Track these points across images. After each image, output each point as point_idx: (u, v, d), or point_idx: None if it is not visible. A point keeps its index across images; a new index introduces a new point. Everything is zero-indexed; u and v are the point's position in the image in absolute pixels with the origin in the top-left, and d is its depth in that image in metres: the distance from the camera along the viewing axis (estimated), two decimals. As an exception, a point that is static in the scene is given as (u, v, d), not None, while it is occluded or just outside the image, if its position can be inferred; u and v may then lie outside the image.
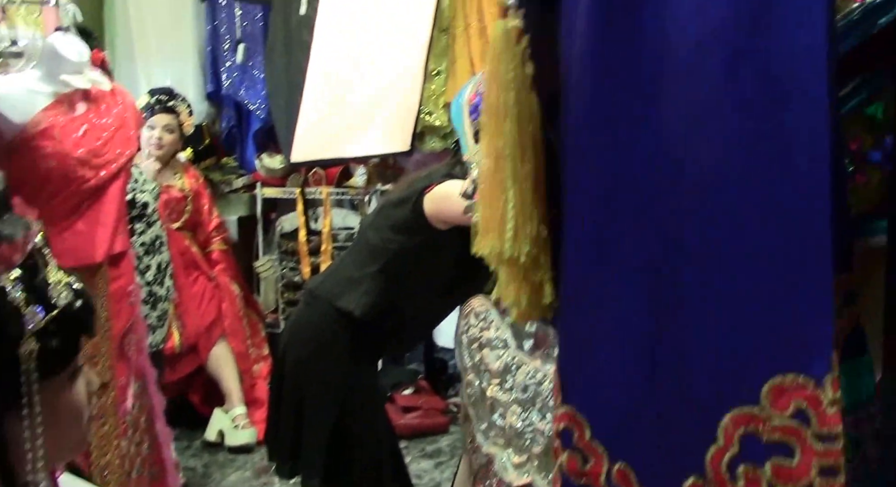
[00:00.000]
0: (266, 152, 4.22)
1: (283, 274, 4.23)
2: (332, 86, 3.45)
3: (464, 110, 1.19)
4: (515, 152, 0.82)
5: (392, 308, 2.51)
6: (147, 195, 3.03)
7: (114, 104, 2.56)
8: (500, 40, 0.81)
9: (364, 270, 2.52)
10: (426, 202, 2.42)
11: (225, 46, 4.14)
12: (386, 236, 2.53)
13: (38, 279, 1.46)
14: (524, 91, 0.82)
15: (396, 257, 2.49)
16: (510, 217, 0.85)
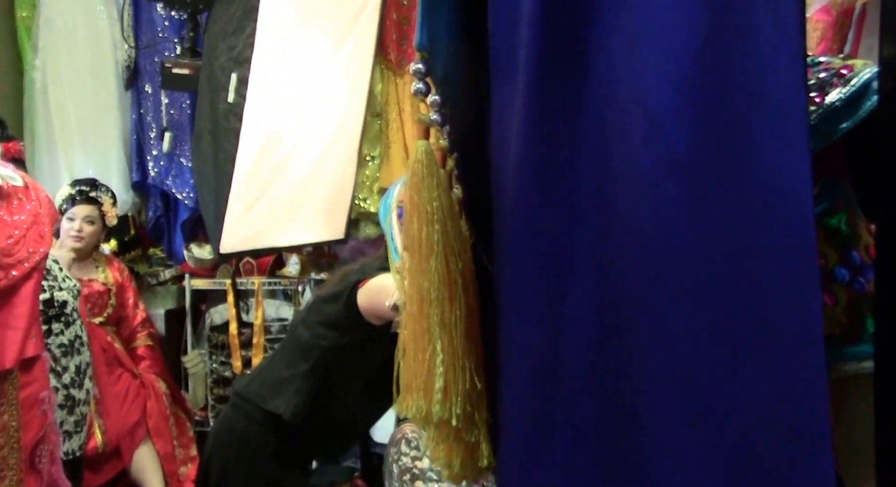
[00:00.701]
0: (195, 242, 4.08)
1: (212, 369, 4.05)
2: (261, 173, 3.36)
3: (392, 212, 1.11)
4: (442, 295, 0.69)
5: (324, 410, 2.38)
6: (66, 293, 2.87)
7: (27, 200, 2.42)
8: (422, 164, 0.69)
9: (294, 369, 2.39)
10: (360, 297, 2.32)
11: (151, 135, 4.03)
12: (317, 333, 2.42)
13: None
14: (451, 222, 0.69)
15: (328, 355, 2.37)
16: (439, 374, 0.71)
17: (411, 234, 0.67)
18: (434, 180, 0.65)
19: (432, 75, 0.64)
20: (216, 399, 4.03)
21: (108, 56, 4.05)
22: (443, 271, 0.66)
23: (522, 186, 0.64)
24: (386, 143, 4.04)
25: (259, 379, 2.49)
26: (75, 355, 2.96)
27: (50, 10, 4.01)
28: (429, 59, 0.63)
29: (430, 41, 0.62)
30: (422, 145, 0.66)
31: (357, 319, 2.33)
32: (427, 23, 0.61)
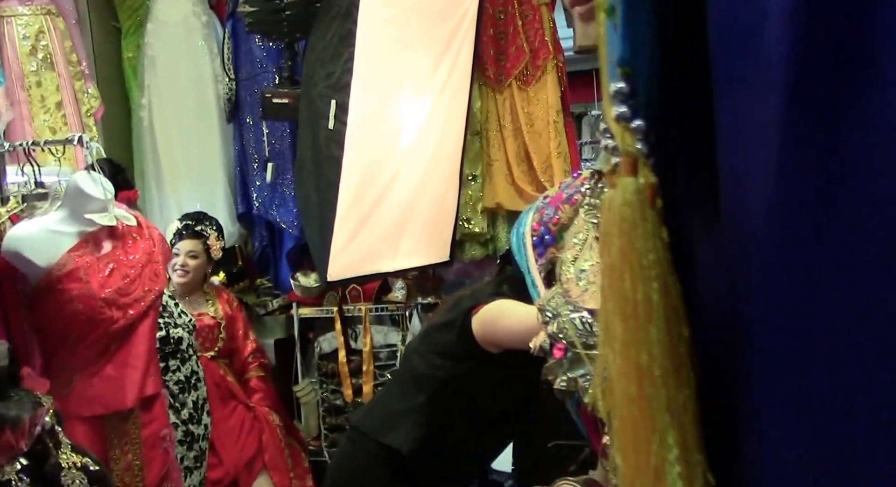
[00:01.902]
0: (300, 271, 4.08)
1: (324, 398, 4.02)
2: (364, 200, 3.32)
3: (526, 244, 0.98)
4: (667, 371, 0.53)
5: (444, 443, 2.29)
6: (181, 329, 2.88)
7: (141, 239, 2.43)
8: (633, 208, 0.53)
9: (410, 401, 2.31)
10: (474, 324, 2.23)
11: (254, 166, 4.05)
12: (432, 363, 2.33)
13: (48, 466, 1.29)
14: (671, 277, 0.53)
15: (445, 386, 2.29)
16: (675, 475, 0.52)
17: (623, 294, 0.53)
18: (649, 226, 0.51)
19: (635, 96, 0.50)
20: (329, 429, 4.00)
21: (209, 90, 4.10)
22: (666, 340, 0.52)
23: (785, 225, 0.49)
24: (487, 161, 3.96)
25: (375, 413, 2.42)
26: (192, 390, 2.97)
27: (154, 50, 4.09)
28: (632, 75, 0.50)
29: (632, 53, 0.49)
30: (630, 184, 0.51)
31: (472, 347, 2.23)
32: (628, 29, 0.49)
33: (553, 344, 0.83)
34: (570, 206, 0.94)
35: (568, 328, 0.79)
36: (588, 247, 0.82)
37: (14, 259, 2.23)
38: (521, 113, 3.88)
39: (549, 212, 0.95)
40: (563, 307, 0.81)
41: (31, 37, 3.81)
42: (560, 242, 0.92)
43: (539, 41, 3.85)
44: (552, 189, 1.01)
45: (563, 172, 3.87)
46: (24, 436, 1.18)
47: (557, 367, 0.81)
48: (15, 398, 1.29)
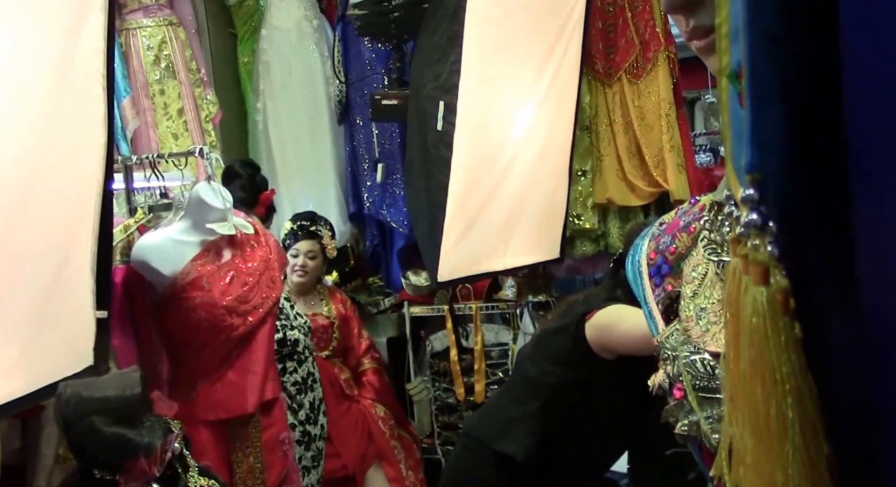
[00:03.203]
0: (411, 270, 4.11)
1: (436, 396, 4.05)
2: (473, 199, 3.32)
3: (643, 275, 0.94)
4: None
5: (558, 450, 2.27)
6: (297, 332, 2.94)
7: (258, 247, 2.50)
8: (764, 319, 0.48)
9: (524, 407, 2.30)
10: (588, 330, 2.20)
11: (364, 166, 4.11)
12: (545, 369, 2.32)
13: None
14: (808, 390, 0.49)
15: (559, 393, 2.27)
16: None
17: (754, 408, 0.49)
18: (782, 338, 0.47)
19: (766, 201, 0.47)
20: (441, 427, 4.03)
21: (321, 93, 4.18)
22: (803, 459, 0.48)
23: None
24: (597, 156, 3.89)
25: (488, 419, 2.42)
26: (309, 391, 3.04)
27: (268, 55, 4.20)
28: (762, 180, 0.46)
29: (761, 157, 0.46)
30: (761, 294, 0.47)
31: (586, 353, 2.21)
32: (756, 133, 0.45)
33: (672, 384, 0.79)
34: (687, 235, 0.89)
35: (689, 370, 0.75)
36: (708, 283, 0.78)
37: (142, 268, 2.33)
38: (632, 106, 3.79)
39: (666, 240, 0.90)
40: (682, 346, 0.77)
41: (155, 47, 3.96)
42: (677, 272, 0.87)
43: (650, 33, 3.75)
44: (668, 215, 0.96)
45: (677, 166, 3.77)
46: (156, 462, 1.24)
47: (678, 409, 0.77)
48: (147, 425, 1.35)
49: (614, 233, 3.89)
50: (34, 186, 1.85)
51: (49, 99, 1.84)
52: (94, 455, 1.37)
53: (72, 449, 1.45)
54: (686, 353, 0.76)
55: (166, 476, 1.23)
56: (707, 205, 0.88)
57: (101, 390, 1.42)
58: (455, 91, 3.19)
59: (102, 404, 1.39)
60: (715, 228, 0.79)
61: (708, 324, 0.75)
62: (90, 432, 1.36)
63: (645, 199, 3.79)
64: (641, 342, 2.10)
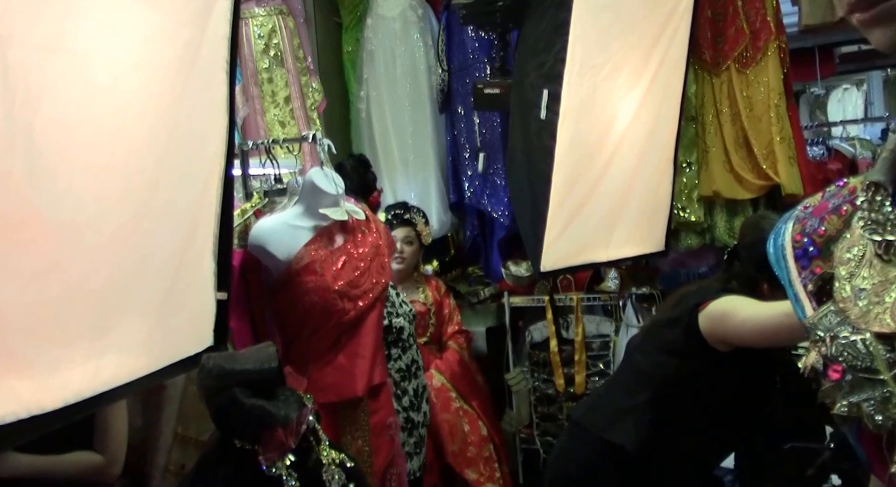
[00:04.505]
0: (511, 260, 4.10)
1: (535, 387, 4.04)
2: (577, 190, 3.29)
3: (787, 256, 0.92)
4: None
5: (668, 443, 2.23)
6: (402, 319, 2.97)
7: (369, 233, 2.54)
8: None
9: (634, 398, 2.28)
10: (701, 321, 2.16)
11: (465, 156, 4.12)
12: (656, 360, 2.29)
13: (310, 462, 1.38)
14: None
15: (669, 384, 2.24)
16: None
17: None
18: None
19: None
20: (540, 418, 4.02)
21: (423, 82, 4.21)
22: None
23: None
24: (703, 147, 3.81)
25: (598, 408, 2.40)
26: (412, 378, 3.07)
27: (372, 44, 4.25)
28: None
29: None
30: None
31: (700, 345, 2.17)
32: None
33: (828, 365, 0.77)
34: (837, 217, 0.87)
35: (849, 350, 0.73)
36: (866, 264, 0.76)
37: (259, 252, 2.40)
38: (740, 97, 3.68)
39: (814, 223, 0.89)
40: (839, 327, 0.76)
41: (265, 36, 4.06)
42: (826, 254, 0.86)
43: (760, 22, 3.64)
44: (812, 198, 0.94)
45: (787, 159, 3.65)
46: (292, 434, 1.28)
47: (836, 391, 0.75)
48: (282, 398, 1.39)
49: (721, 226, 3.80)
50: (163, 169, 1.92)
51: (178, 84, 1.90)
52: (235, 425, 1.42)
53: (214, 419, 1.51)
54: (846, 333, 0.75)
55: (301, 447, 1.27)
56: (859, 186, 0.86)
57: (242, 363, 1.48)
58: (559, 80, 3.16)
59: (243, 376, 1.44)
60: (874, 208, 0.78)
61: (869, 304, 0.74)
62: (232, 403, 1.41)
63: (754, 192, 3.69)
64: (757, 333, 2.05)
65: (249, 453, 1.39)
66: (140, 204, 1.85)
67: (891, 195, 0.76)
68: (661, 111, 3.44)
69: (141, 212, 1.85)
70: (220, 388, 1.45)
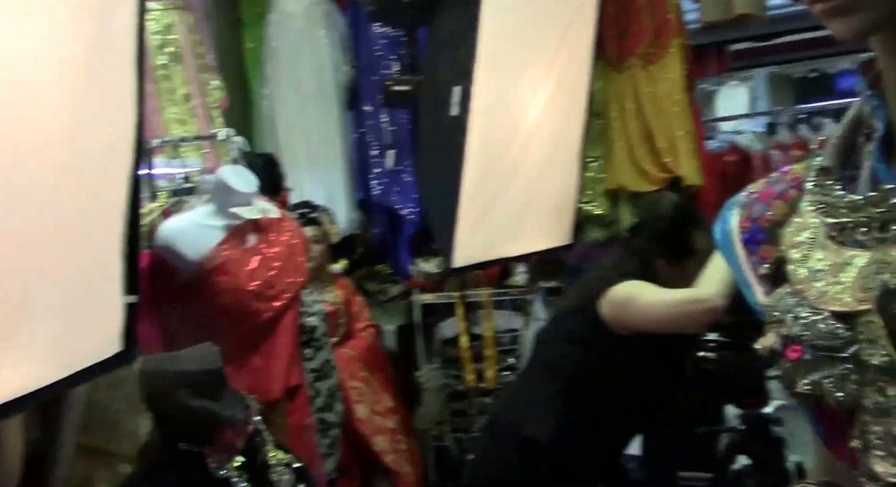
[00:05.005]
0: (421, 257, 4.10)
1: (446, 383, 4.04)
2: (488, 186, 3.30)
3: (734, 241, 0.95)
4: None
5: (581, 432, 2.26)
6: (315, 318, 2.92)
7: (283, 232, 2.48)
8: None
9: (545, 391, 2.30)
10: (604, 307, 2.20)
11: (373, 153, 4.09)
12: (564, 351, 2.32)
13: (258, 463, 1.34)
14: None
15: (578, 374, 2.26)
16: None
17: None
18: None
19: None
20: (452, 414, 4.03)
21: (329, 79, 4.14)
22: None
23: None
24: (608, 142, 3.88)
25: (511, 404, 2.41)
26: (326, 378, 3.03)
27: (275, 41, 4.15)
28: None
29: None
30: None
31: (604, 332, 2.20)
32: None
33: (787, 346, 0.79)
34: (783, 202, 0.90)
35: (811, 330, 0.76)
36: (820, 246, 0.79)
37: (167, 253, 2.31)
38: (644, 92, 3.78)
39: (760, 208, 0.92)
40: (798, 308, 0.78)
41: (162, 31, 3.91)
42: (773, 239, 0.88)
43: (662, 19, 3.74)
44: (755, 185, 0.97)
45: (689, 152, 3.76)
46: (240, 435, 1.25)
47: (796, 370, 0.78)
48: (227, 399, 1.35)
49: (625, 219, 3.89)
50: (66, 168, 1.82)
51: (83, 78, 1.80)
52: (182, 428, 1.37)
53: (158, 423, 1.45)
54: (805, 314, 0.76)
55: (248, 448, 1.24)
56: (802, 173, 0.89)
57: (184, 364, 1.43)
58: (470, 77, 3.17)
59: (187, 378, 1.39)
60: (826, 192, 0.80)
61: (826, 285, 0.76)
62: (177, 405, 1.36)
63: (657, 184, 3.79)
64: (657, 319, 2.10)
65: (196, 456, 1.35)
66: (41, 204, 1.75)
67: (839, 180, 0.79)
68: (568, 107, 3.49)
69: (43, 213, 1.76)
70: (163, 391, 1.40)
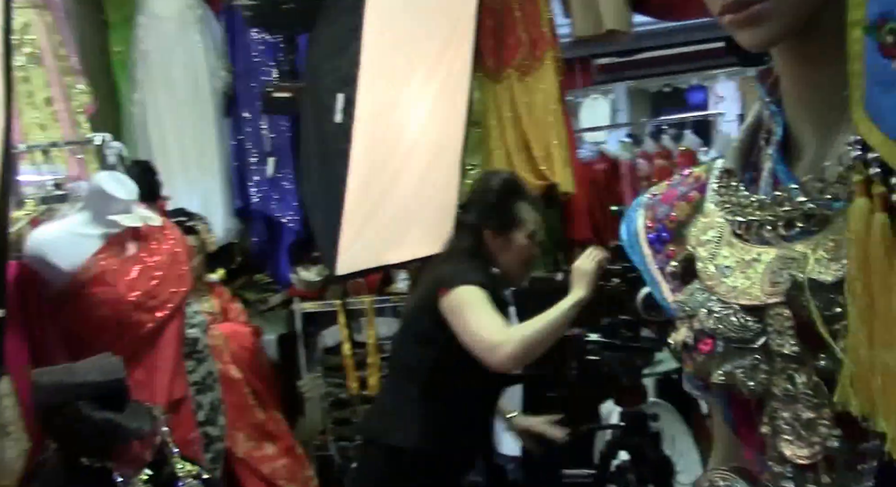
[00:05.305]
0: (301, 265, 4.05)
1: (328, 392, 4.00)
2: (371, 193, 3.31)
3: (641, 241, 0.99)
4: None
5: (444, 434, 2.24)
6: (197, 329, 2.84)
7: (165, 240, 2.40)
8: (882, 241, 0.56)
9: (405, 396, 2.27)
10: (442, 308, 2.17)
11: (252, 161, 4.01)
12: (416, 353, 2.30)
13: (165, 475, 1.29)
14: None
15: (430, 374, 2.25)
16: None
17: None
18: None
19: None
20: (335, 423, 3.99)
21: (205, 85, 4.03)
22: None
23: None
24: (487, 151, 3.97)
25: (376, 415, 2.40)
26: (208, 391, 2.94)
27: (146, 44, 4.01)
28: None
29: None
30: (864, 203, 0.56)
31: (448, 330, 2.17)
32: None
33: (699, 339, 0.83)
34: (686, 203, 0.94)
35: (724, 324, 0.79)
36: (726, 244, 0.83)
37: (38, 264, 2.19)
38: (521, 103, 3.88)
39: (664, 209, 0.95)
40: (710, 303, 0.82)
41: (18, 31, 3.70)
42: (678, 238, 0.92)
43: (537, 32, 3.86)
44: (658, 187, 1.01)
45: (563, 160, 3.89)
46: (148, 447, 1.20)
47: (709, 362, 0.82)
48: (132, 410, 1.29)
49: (503, 226, 3.97)
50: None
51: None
52: (84, 442, 1.30)
53: (56, 439, 1.36)
54: (717, 308, 0.80)
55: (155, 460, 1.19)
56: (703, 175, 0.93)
57: (83, 375, 1.35)
58: (354, 84, 3.17)
59: (87, 390, 1.31)
60: (730, 192, 0.84)
61: (735, 280, 0.79)
62: (78, 418, 1.28)
63: (533, 191, 3.90)
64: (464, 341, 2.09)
65: (100, 470, 1.28)
66: None
67: (742, 181, 0.83)
68: (450, 116, 3.54)
69: None
70: (60, 404, 1.32)
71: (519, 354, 2.06)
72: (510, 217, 2.36)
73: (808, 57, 0.76)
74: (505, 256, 2.33)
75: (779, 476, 0.76)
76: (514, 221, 2.35)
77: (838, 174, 0.72)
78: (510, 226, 2.34)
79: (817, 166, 0.76)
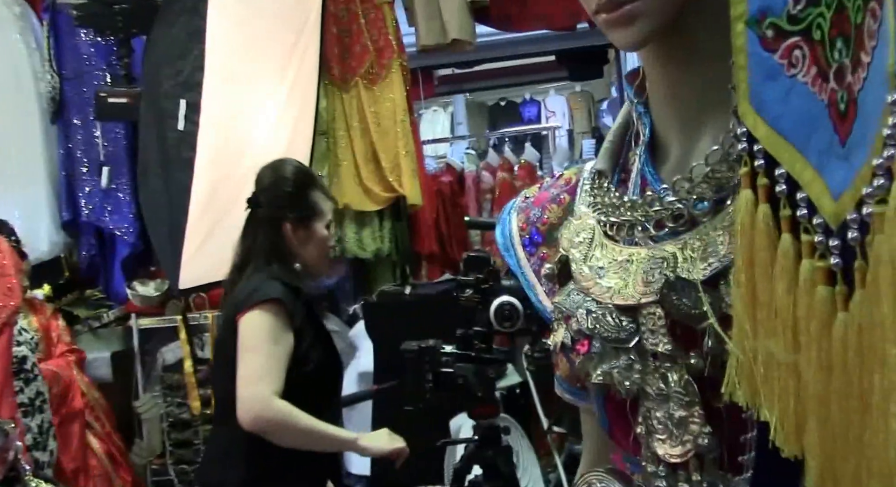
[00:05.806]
0: (137, 280, 3.85)
1: (168, 412, 3.81)
2: (217, 202, 3.19)
3: (515, 244, 0.99)
4: None
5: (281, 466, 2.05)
6: (24, 347, 2.64)
7: (-11, 251, 2.21)
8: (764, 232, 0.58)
9: (227, 433, 2.06)
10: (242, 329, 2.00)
11: (83, 170, 3.77)
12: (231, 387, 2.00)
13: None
14: None
15: None
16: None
17: None
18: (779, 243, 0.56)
19: None
20: (174, 445, 3.80)
21: (29, 89, 3.75)
22: None
23: None
24: (335, 161, 3.92)
25: (207, 460, 2.29)
26: (37, 413, 2.75)
27: (-42, 44, 3.70)
28: None
29: None
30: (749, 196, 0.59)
31: None
32: None
33: (576, 340, 0.84)
34: (557, 206, 0.95)
35: (600, 324, 0.80)
36: (598, 246, 0.84)
37: None
38: (368, 112, 3.87)
39: (536, 212, 0.96)
40: (586, 303, 0.82)
41: None
42: (550, 241, 0.93)
43: (383, 40, 3.85)
44: (530, 190, 1.01)
45: (411, 171, 3.90)
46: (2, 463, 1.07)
47: (587, 363, 0.82)
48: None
49: (350, 238, 3.94)
50: None
51: None
52: None
53: None
54: (594, 309, 0.81)
55: (8, 478, 1.07)
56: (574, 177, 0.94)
57: None
58: (198, 89, 3.06)
59: None
60: (601, 193, 0.86)
61: (609, 281, 0.80)
62: None
63: (381, 203, 3.88)
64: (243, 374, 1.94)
65: None
66: None
67: (613, 182, 0.85)
68: (297, 124, 3.48)
69: None
70: None
71: (267, 424, 1.93)
72: (310, 207, 2.18)
73: (672, 58, 0.78)
74: (307, 249, 2.16)
75: (652, 476, 0.77)
76: (314, 210, 2.18)
77: (704, 174, 0.74)
78: (311, 217, 2.17)
79: (684, 166, 0.77)
